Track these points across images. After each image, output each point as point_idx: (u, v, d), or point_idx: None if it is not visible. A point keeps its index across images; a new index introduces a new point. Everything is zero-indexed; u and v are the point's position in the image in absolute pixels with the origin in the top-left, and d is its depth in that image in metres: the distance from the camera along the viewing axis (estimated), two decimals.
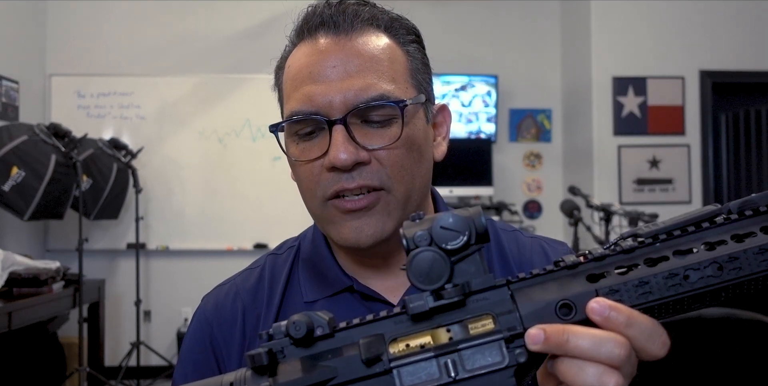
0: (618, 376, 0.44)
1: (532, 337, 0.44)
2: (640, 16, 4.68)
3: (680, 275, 0.45)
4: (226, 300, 0.82)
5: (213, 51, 4.71)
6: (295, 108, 0.72)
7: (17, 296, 3.22)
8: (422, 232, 0.46)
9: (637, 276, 0.46)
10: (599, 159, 4.69)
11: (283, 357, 0.47)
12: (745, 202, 0.47)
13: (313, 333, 0.46)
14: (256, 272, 0.84)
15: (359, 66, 0.71)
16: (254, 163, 4.58)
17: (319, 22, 0.74)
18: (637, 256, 0.47)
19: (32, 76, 4.44)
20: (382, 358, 0.45)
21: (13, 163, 3.47)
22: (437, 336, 0.46)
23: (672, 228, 0.47)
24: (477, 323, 0.46)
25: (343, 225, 0.73)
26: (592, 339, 0.43)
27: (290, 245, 0.87)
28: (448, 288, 0.46)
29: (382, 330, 0.47)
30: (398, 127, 0.72)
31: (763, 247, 0.45)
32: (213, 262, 4.53)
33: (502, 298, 0.47)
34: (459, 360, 0.45)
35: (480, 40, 5.25)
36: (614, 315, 0.44)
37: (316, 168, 0.72)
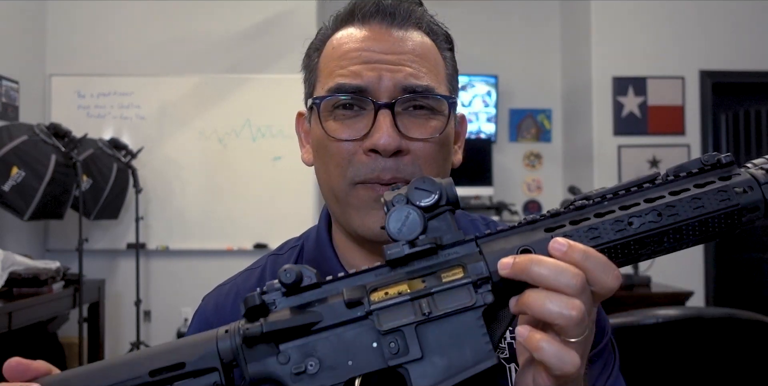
0: (577, 302, 0.48)
1: (503, 264, 0.50)
2: (640, 16, 4.68)
3: (625, 221, 0.51)
4: (227, 301, 0.82)
5: (213, 51, 4.71)
6: (342, 81, 0.71)
7: (17, 296, 3.22)
8: (399, 195, 0.52)
9: (587, 224, 0.52)
10: (599, 159, 4.69)
11: (275, 307, 0.51)
12: (679, 167, 0.54)
13: (301, 282, 0.51)
14: (257, 272, 0.84)
15: (410, 58, 0.72)
16: (254, 163, 4.58)
17: (375, 10, 0.74)
18: (587, 211, 0.53)
19: (32, 76, 4.44)
20: (362, 302, 0.50)
21: (13, 163, 3.47)
22: (413, 285, 0.51)
23: (617, 190, 0.53)
24: (449, 272, 0.51)
25: (369, 213, 0.71)
26: (553, 268, 0.48)
27: (292, 245, 0.86)
28: (421, 239, 0.51)
29: (364, 281, 0.52)
30: (441, 121, 0.72)
31: (695, 196, 0.52)
32: (213, 262, 4.53)
33: (471, 251, 0.52)
34: (432, 301, 0.50)
35: (480, 40, 5.25)
36: (572, 250, 0.49)
37: (352, 147, 0.71)
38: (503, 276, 0.49)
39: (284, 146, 4.49)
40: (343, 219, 0.75)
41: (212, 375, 0.50)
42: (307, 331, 0.50)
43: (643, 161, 4.68)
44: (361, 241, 0.76)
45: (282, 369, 0.50)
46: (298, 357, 0.50)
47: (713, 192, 0.52)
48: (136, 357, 0.52)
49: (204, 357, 0.50)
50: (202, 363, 0.50)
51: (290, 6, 4.56)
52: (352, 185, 0.72)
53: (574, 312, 0.47)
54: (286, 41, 4.44)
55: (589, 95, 4.74)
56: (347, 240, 0.79)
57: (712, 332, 1.36)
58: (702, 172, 0.54)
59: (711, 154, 0.54)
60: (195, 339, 0.52)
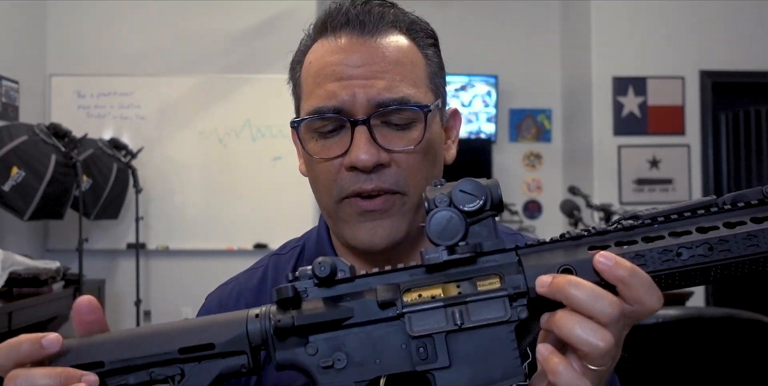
0: (607, 333, 0.47)
1: (541, 281, 0.48)
2: (640, 16, 4.68)
3: (674, 251, 0.49)
4: (230, 300, 0.82)
5: (213, 51, 4.70)
6: (318, 104, 0.72)
7: (17, 296, 3.22)
8: (442, 195, 0.51)
9: (634, 249, 0.50)
10: (599, 159, 4.69)
11: (307, 296, 0.51)
12: (738, 195, 0.51)
13: (335, 275, 0.51)
14: (259, 272, 0.85)
15: (383, 67, 0.72)
16: (254, 163, 4.58)
17: (345, 20, 0.74)
18: (635, 234, 0.51)
19: (32, 76, 4.44)
20: (395, 303, 0.50)
21: (13, 163, 3.47)
22: (448, 289, 0.50)
23: (669, 213, 0.51)
24: (485, 281, 0.50)
25: (358, 227, 0.73)
26: (591, 292, 0.47)
27: (293, 245, 0.87)
28: (461, 245, 0.50)
29: (398, 280, 0.51)
30: (419, 131, 0.72)
31: (751, 233, 0.49)
32: (213, 262, 4.53)
33: (510, 261, 0.51)
34: (465, 311, 0.49)
35: (480, 40, 5.25)
36: (618, 265, 0.48)
37: (334, 166, 0.72)
38: (539, 293, 0.48)
39: (284, 146, 4.48)
40: (337, 231, 0.77)
41: (240, 357, 0.51)
42: (338, 326, 0.50)
43: (643, 161, 4.68)
44: (356, 252, 0.77)
45: (310, 359, 0.50)
46: (326, 350, 0.50)
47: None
48: (168, 331, 0.52)
49: (234, 340, 0.51)
50: (231, 345, 0.51)
51: (290, 6, 4.56)
52: (338, 202, 0.73)
53: (602, 343, 0.46)
54: (286, 41, 4.40)
55: (589, 95, 4.74)
56: (343, 247, 0.80)
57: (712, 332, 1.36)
58: (762, 204, 0.50)
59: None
60: (225, 320, 0.52)
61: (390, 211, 0.72)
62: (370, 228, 0.72)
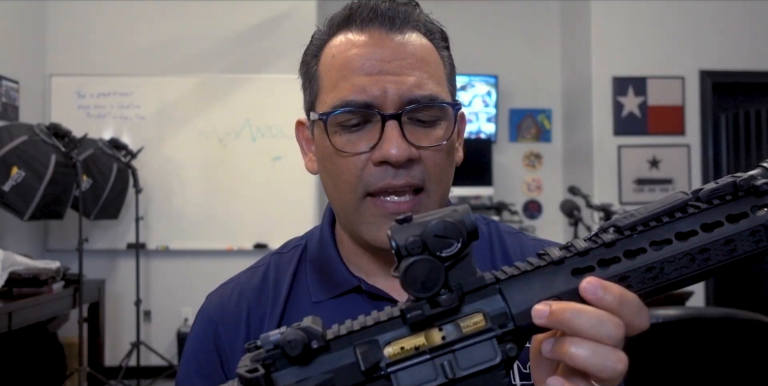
0: (621, 354, 0.46)
1: (538, 312, 0.46)
2: (640, 16, 4.68)
3: (657, 268, 0.49)
4: (231, 299, 0.82)
5: (213, 51, 4.71)
6: (347, 97, 0.70)
7: (17, 296, 3.22)
8: (414, 238, 0.46)
9: (618, 270, 0.49)
10: (599, 159, 4.69)
11: (276, 370, 0.46)
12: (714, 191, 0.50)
13: (309, 348, 0.46)
14: (260, 271, 0.84)
15: (413, 64, 0.71)
16: (254, 163, 4.58)
17: (373, 15, 0.73)
18: (617, 248, 0.50)
19: (32, 76, 4.44)
20: (379, 365, 0.46)
21: (13, 163, 3.47)
22: (431, 336, 0.47)
23: (648, 219, 0.50)
24: (469, 321, 0.47)
25: (380, 228, 0.71)
26: (595, 318, 0.46)
27: (295, 244, 0.86)
28: (443, 295, 0.46)
29: (375, 335, 0.47)
30: (446, 128, 0.72)
31: (729, 238, 0.49)
32: (213, 262, 4.53)
33: (493, 296, 0.48)
34: (454, 359, 0.46)
35: (480, 40, 5.25)
36: (606, 294, 0.46)
37: (360, 161, 0.71)
38: (538, 325, 0.46)
39: (284, 146, 4.48)
40: (353, 231, 0.75)
41: None
42: None
43: (643, 161, 4.68)
44: (367, 247, 0.77)
45: None
46: None
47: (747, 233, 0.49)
48: None
49: None
50: None
51: (290, 6, 4.56)
52: (361, 199, 0.72)
53: (620, 365, 0.45)
54: (286, 41, 4.44)
55: (589, 95, 4.74)
56: (354, 245, 0.79)
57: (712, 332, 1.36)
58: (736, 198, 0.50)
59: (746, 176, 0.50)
60: None
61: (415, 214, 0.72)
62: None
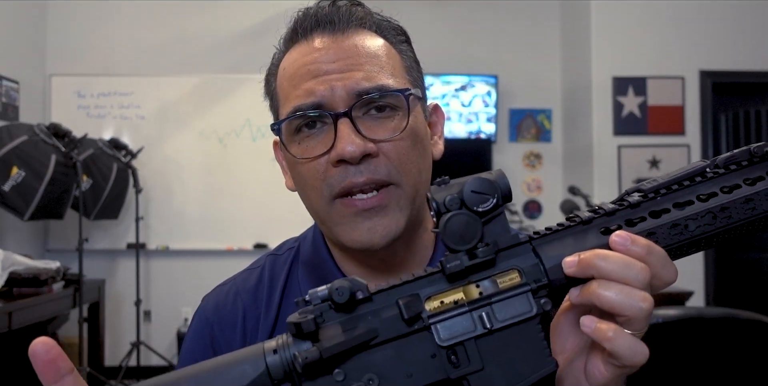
0: (647, 294, 0.48)
1: (568, 262, 0.49)
2: (640, 16, 4.68)
3: (681, 225, 0.51)
4: (227, 300, 0.82)
5: (213, 51, 4.71)
6: (297, 104, 0.71)
7: (17, 296, 3.22)
8: (452, 196, 0.49)
9: (644, 227, 0.51)
10: (599, 159, 4.69)
11: (323, 321, 0.48)
12: (729, 158, 0.53)
13: (354, 297, 0.48)
14: (256, 272, 0.84)
15: (359, 60, 0.71)
16: (254, 163, 4.58)
17: (314, 22, 0.74)
18: (642, 209, 0.52)
19: (32, 76, 4.44)
20: (421, 316, 0.48)
21: (13, 163, 3.47)
22: (469, 292, 0.49)
23: (670, 183, 0.53)
24: (505, 277, 0.49)
25: (354, 228, 0.71)
26: (621, 262, 0.48)
27: (290, 246, 0.87)
28: (480, 248, 0.49)
29: (417, 290, 0.49)
30: (402, 118, 0.71)
31: (748, 197, 0.52)
32: (213, 262, 4.53)
33: (526, 253, 0.51)
34: (491, 312, 0.48)
35: (480, 40, 5.25)
36: (634, 245, 0.49)
37: (321, 165, 0.71)
38: (569, 274, 0.49)
39: None
40: (332, 237, 0.75)
41: None
42: (364, 348, 0.48)
43: (643, 161, 4.68)
44: (353, 253, 0.76)
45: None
46: (355, 374, 0.48)
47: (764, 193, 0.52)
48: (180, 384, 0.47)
49: (256, 381, 0.47)
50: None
51: (290, 6, 4.54)
52: (330, 202, 0.71)
53: (645, 304, 0.47)
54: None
55: (589, 95, 4.74)
56: (340, 253, 0.79)
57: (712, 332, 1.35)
58: (751, 164, 0.53)
59: (760, 144, 0.53)
60: (240, 359, 0.48)
61: (387, 208, 0.70)
62: (369, 228, 0.70)
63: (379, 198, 0.70)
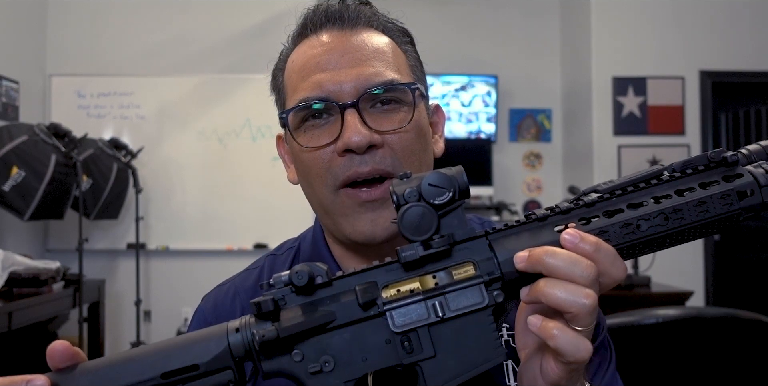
0: (590, 291, 0.49)
1: (519, 257, 0.51)
2: (640, 16, 4.68)
3: (633, 224, 0.53)
4: (225, 300, 0.83)
5: (213, 51, 4.71)
6: (305, 95, 0.72)
7: (17, 296, 3.22)
8: (411, 189, 0.51)
9: (596, 226, 0.53)
10: (599, 159, 4.69)
11: (285, 304, 0.51)
12: (686, 162, 0.55)
13: (313, 281, 0.51)
14: (255, 272, 0.85)
15: (367, 55, 0.73)
16: (254, 163, 4.58)
17: (323, 17, 0.76)
18: (596, 209, 0.54)
19: (32, 76, 4.44)
20: (376, 302, 0.50)
21: (13, 163, 3.47)
22: (425, 281, 0.51)
23: (626, 185, 0.54)
24: (460, 269, 0.51)
25: (358, 218, 0.72)
26: (567, 259, 0.49)
27: (290, 246, 0.87)
28: (435, 239, 0.51)
29: (375, 278, 0.52)
30: (408, 111, 0.73)
31: (701, 200, 0.53)
32: (213, 262, 4.53)
33: (482, 247, 0.53)
34: (445, 302, 0.50)
35: (480, 40, 5.25)
36: (583, 241, 0.50)
37: (326, 154, 0.72)
38: (519, 269, 0.50)
39: None
40: (335, 228, 0.75)
41: (226, 373, 0.50)
42: (321, 330, 0.50)
43: (643, 161, 4.68)
44: (354, 248, 0.77)
45: (297, 366, 0.50)
46: (312, 355, 0.50)
47: (717, 196, 0.53)
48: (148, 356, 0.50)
49: (217, 358, 0.50)
50: (216, 363, 0.50)
51: (290, 6, 4.54)
52: (335, 192, 0.72)
53: (588, 300, 0.48)
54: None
55: (589, 95, 4.74)
56: (342, 248, 0.80)
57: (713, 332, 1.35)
58: (707, 169, 0.54)
59: (718, 150, 0.54)
60: (205, 336, 0.51)
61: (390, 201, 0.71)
62: (371, 219, 0.71)
63: (382, 190, 0.71)
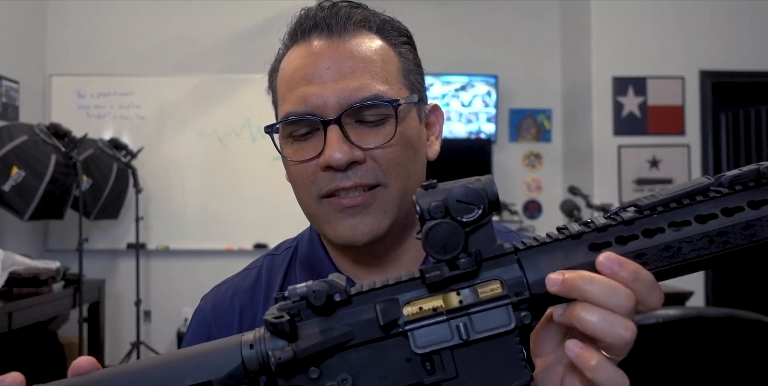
0: (630, 323, 0.47)
1: (552, 280, 0.47)
2: (640, 16, 4.68)
3: (675, 247, 0.49)
4: (224, 300, 0.83)
5: (213, 51, 4.71)
6: (290, 109, 0.73)
7: (17, 296, 3.22)
8: (437, 204, 0.48)
9: (635, 248, 0.49)
10: (599, 159, 4.69)
11: (300, 320, 0.48)
12: (737, 177, 0.50)
13: (332, 299, 0.48)
14: (254, 272, 0.85)
15: (353, 67, 0.72)
16: (254, 163, 4.58)
17: (312, 24, 0.75)
18: (635, 227, 0.50)
19: (32, 76, 4.44)
20: (398, 322, 0.48)
21: (13, 163, 3.47)
22: (448, 299, 0.48)
23: (669, 200, 0.50)
24: (486, 287, 0.48)
25: (339, 224, 0.73)
26: (607, 287, 0.46)
27: (287, 246, 0.88)
28: (462, 258, 0.48)
29: (396, 294, 0.49)
30: (392, 126, 0.72)
31: (749, 222, 0.48)
32: (213, 262, 4.53)
33: (510, 264, 0.49)
34: (469, 322, 0.48)
35: (480, 40, 5.25)
36: (622, 269, 0.47)
37: (310, 167, 0.73)
38: (551, 292, 0.47)
39: None
40: (321, 231, 0.77)
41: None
42: (340, 349, 0.48)
43: (643, 161, 4.68)
44: (342, 249, 0.78)
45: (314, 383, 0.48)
46: (329, 373, 0.48)
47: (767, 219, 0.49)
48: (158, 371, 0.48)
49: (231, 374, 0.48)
50: (229, 380, 0.48)
51: (290, 6, 4.55)
52: (318, 201, 0.74)
53: (628, 333, 0.46)
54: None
55: (589, 95, 4.74)
56: (335, 250, 0.81)
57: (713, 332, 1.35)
58: (759, 185, 0.50)
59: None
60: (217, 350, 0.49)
61: (372, 206, 0.72)
62: (351, 225, 0.72)
63: (364, 197, 0.72)
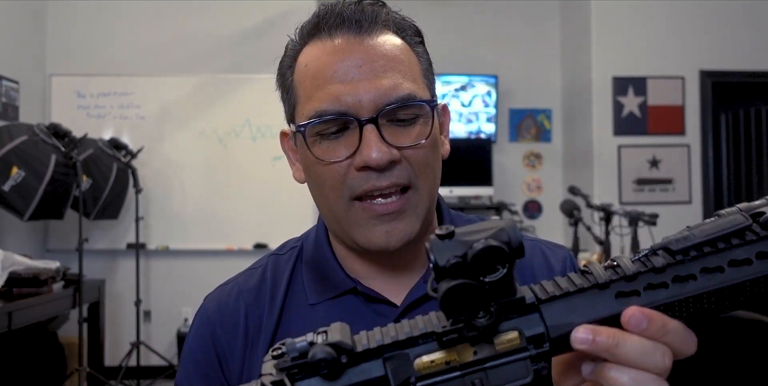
0: (663, 382, 0.45)
1: (580, 338, 0.44)
2: (640, 16, 4.68)
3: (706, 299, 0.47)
4: (229, 300, 0.82)
5: (213, 51, 4.71)
6: (322, 107, 0.70)
7: (17, 296, 3.22)
8: (457, 260, 0.43)
9: (666, 296, 0.47)
10: (599, 159, 4.69)
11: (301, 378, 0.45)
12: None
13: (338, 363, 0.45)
14: (258, 272, 0.84)
15: (384, 66, 0.71)
16: (254, 163, 4.58)
17: (340, 21, 0.73)
18: (666, 275, 0.47)
19: (32, 76, 4.44)
20: (410, 381, 0.45)
21: (13, 163, 3.47)
22: (462, 352, 0.45)
23: (702, 244, 0.47)
24: (503, 338, 0.46)
25: (372, 230, 0.72)
26: (642, 348, 0.44)
27: (292, 245, 0.87)
28: (481, 316, 0.45)
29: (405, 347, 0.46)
30: (426, 125, 0.72)
31: None
32: (213, 262, 4.53)
33: (531, 315, 0.46)
34: (485, 377, 0.45)
35: (480, 40, 5.25)
36: (650, 325, 0.44)
37: (343, 167, 0.71)
38: (578, 350, 0.45)
39: None
40: (345, 236, 0.75)
41: None
42: None
43: (644, 161, 4.68)
44: (362, 251, 0.77)
45: None
46: None
47: None
48: None
49: None
50: None
51: (290, 6, 4.56)
52: (350, 203, 0.72)
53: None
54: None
55: (589, 95, 4.74)
56: (347, 250, 0.79)
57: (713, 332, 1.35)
58: None
59: None
60: None
61: (405, 213, 0.72)
62: (386, 231, 0.71)
63: (399, 203, 0.71)
